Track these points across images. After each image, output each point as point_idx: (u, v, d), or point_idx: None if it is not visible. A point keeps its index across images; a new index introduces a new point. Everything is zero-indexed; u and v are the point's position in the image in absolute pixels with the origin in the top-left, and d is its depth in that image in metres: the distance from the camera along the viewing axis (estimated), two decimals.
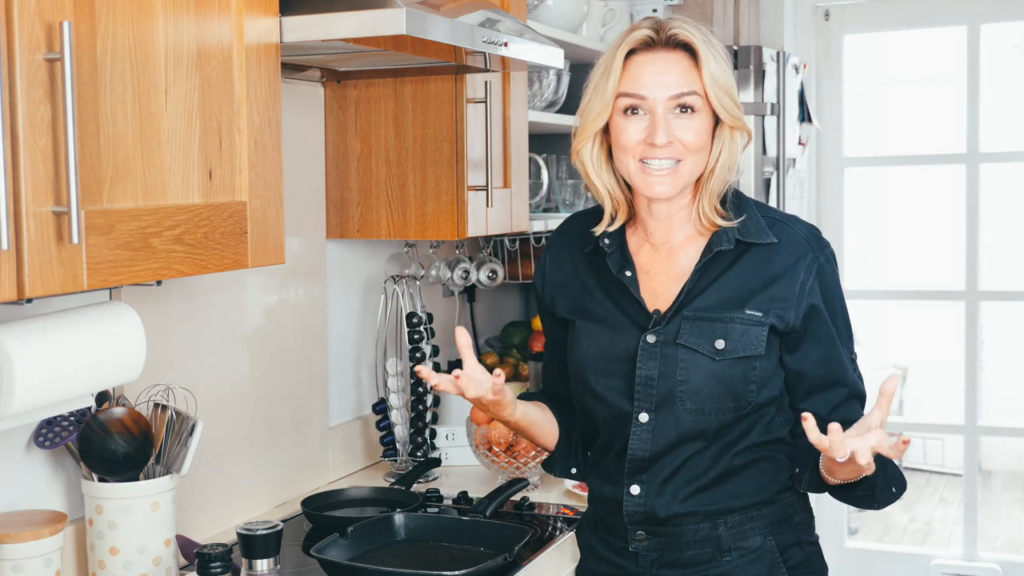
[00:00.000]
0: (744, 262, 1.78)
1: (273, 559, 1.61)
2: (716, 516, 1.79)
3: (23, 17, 1.22)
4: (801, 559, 1.84)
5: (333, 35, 1.71)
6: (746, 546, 1.79)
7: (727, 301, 1.76)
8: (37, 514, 1.71)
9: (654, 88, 1.73)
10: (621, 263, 1.82)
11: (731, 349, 1.74)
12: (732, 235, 1.78)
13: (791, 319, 1.76)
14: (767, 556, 1.80)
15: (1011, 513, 6.14)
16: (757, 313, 1.75)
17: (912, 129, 6.95)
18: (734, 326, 1.74)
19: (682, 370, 1.75)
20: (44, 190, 1.25)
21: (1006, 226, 6.31)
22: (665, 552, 1.81)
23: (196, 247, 1.50)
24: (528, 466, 2.45)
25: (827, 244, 1.82)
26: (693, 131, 1.73)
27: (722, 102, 1.74)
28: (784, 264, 1.77)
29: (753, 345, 1.74)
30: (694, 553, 1.80)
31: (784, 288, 1.76)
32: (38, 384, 1.51)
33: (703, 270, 1.78)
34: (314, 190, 2.44)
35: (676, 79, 1.73)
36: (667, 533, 1.80)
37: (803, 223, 1.84)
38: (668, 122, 1.72)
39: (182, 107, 1.49)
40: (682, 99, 1.72)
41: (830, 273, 1.80)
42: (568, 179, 3.10)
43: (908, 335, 7.09)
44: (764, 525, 1.80)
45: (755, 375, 1.75)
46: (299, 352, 2.43)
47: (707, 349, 1.74)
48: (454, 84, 2.34)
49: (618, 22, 3.18)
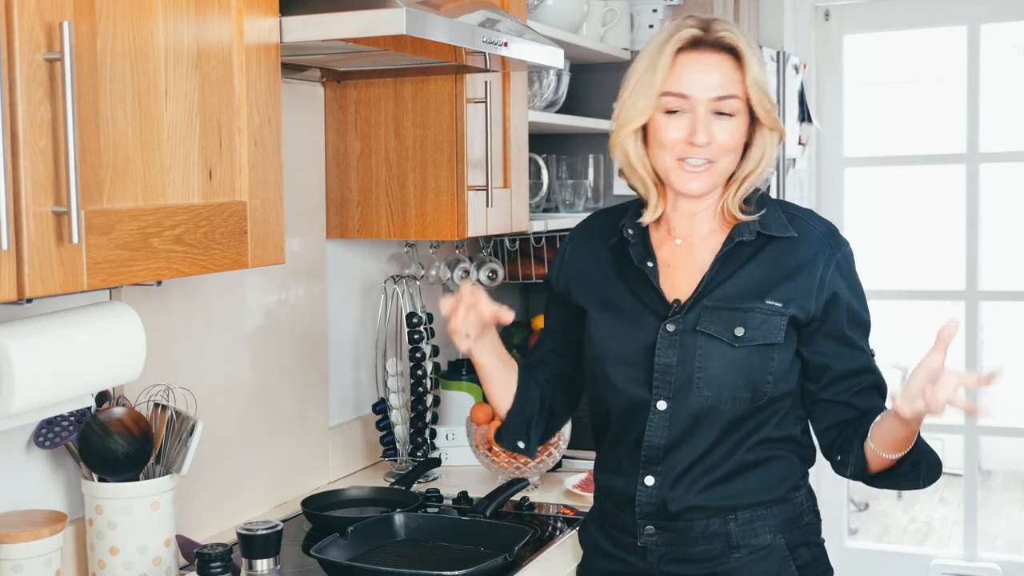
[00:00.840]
0: (764, 255, 1.81)
1: (273, 559, 1.61)
2: (727, 512, 1.80)
3: (23, 17, 1.22)
4: (808, 559, 1.85)
5: (333, 35, 1.71)
6: (755, 543, 1.80)
7: (747, 292, 1.79)
8: (37, 514, 1.71)
9: (698, 88, 1.75)
10: (643, 254, 1.85)
11: (750, 337, 1.76)
12: (753, 228, 1.81)
13: (812, 308, 1.78)
14: (776, 554, 1.81)
15: (1011, 513, 6.15)
16: (777, 303, 1.77)
17: (912, 129, 6.95)
18: (753, 315, 1.77)
19: (700, 357, 1.77)
20: (44, 190, 1.25)
21: (1006, 226, 6.31)
22: (674, 547, 1.82)
23: (196, 247, 1.50)
24: (528, 466, 2.45)
25: (845, 242, 1.85)
26: (729, 132, 1.77)
27: (763, 105, 1.78)
28: (804, 257, 1.80)
29: (772, 333, 1.77)
30: (703, 549, 1.81)
31: (804, 279, 1.79)
32: (38, 384, 1.51)
33: (723, 260, 1.81)
34: (314, 190, 2.44)
35: (719, 81, 1.76)
36: (677, 528, 1.81)
37: (821, 220, 1.88)
38: (708, 122, 1.76)
39: (182, 107, 1.49)
40: (723, 101, 1.76)
41: (847, 269, 1.82)
42: (568, 179, 3.11)
43: (908, 335, 7.08)
44: (774, 523, 1.82)
45: (772, 366, 1.77)
46: (299, 352, 2.43)
47: (726, 336, 1.76)
48: (454, 84, 2.34)
49: (618, 22, 3.18)
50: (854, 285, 1.83)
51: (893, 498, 6.45)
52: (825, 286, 1.79)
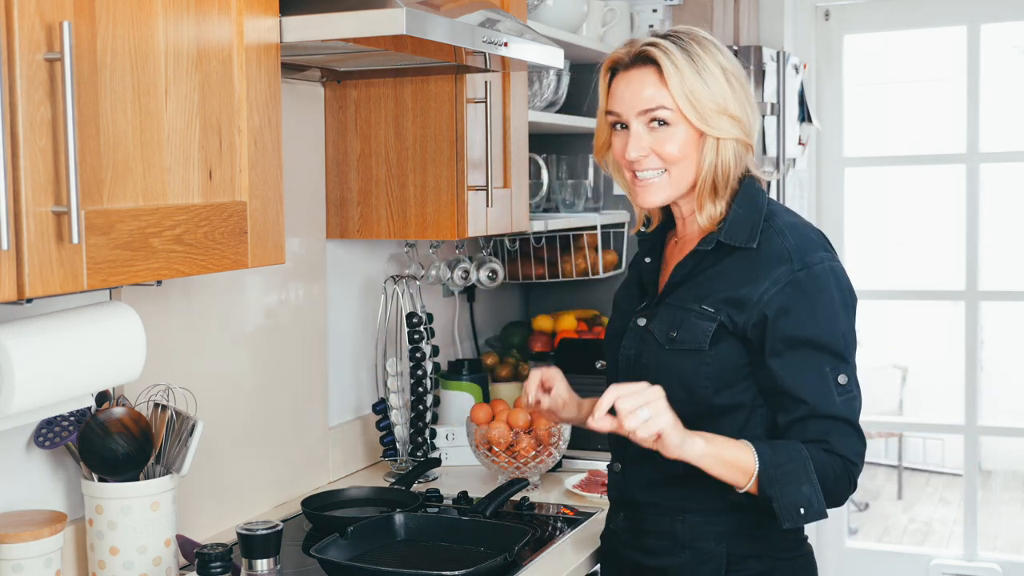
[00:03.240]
0: (726, 263, 1.82)
1: (273, 559, 1.61)
2: (676, 512, 1.85)
3: (23, 17, 1.22)
4: (759, 571, 1.83)
5: (333, 35, 1.71)
6: (699, 547, 1.84)
7: (695, 295, 1.82)
8: (37, 514, 1.71)
9: (625, 105, 1.82)
10: (648, 250, 1.96)
11: (680, 339, 1.80)
12: (714, 237, 1.83)
13: (741, 323, 1.77)
14: (714, 561, 1.83)
15: (1011, 513, 6.15)
16: (710, 309, 1.79)
17: (912, 129, 6.96)
18: (688, 318, 1.81)
19: (646, 355, 1.85)
20: (44, 190, 1.25)
21: (1006, 226, 6.31)
22: (634, 536, 1.92)
23: (196, 247, 1.50)
24: (528, 466, 2.45)
25: (818, 260, 1.78)
26: (671, 142, 1.80)
27: (700, 115, 1.78)
28: (757, 271, 1.78)
29: (698, 339, 1.79)
30: (654, 543, 1.88)
31: (746, 292, 1.77)
32: (38, 384, 1.51)
33: (691, 262, 1.85)
34: (314, 190, 2.44)
35: (645, 95, 1.80)
36: (636, 518, 1.91)
37: (798, 234, 1.81)
38: (641, 136, 1.80)
39: (182, 107, 1.49)
40: (652, 113, 1.80)
41: (812, 288, 1.76)
42: (568, 179, 3.11)
43: (908, 335, 7.09)
44: (720, 531, 1.83)
45: (706, 371, 1.79)
46: (299, 352, 2.43)
47: (662, 337, 1.83)
48: (454, 84, 2.34)
49: (618, 22, 3.18)
50: (818, 304, 1.76)
51: (893, 498, 6.46)
52: (762, 304, 1.75)
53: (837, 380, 1.75)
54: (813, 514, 1.72)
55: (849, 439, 1.75)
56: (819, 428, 1.74)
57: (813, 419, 1.75)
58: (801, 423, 1.75)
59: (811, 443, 1.74)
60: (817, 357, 1.75)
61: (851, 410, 1.76)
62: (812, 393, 1.75)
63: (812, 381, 1.75)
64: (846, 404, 1.76)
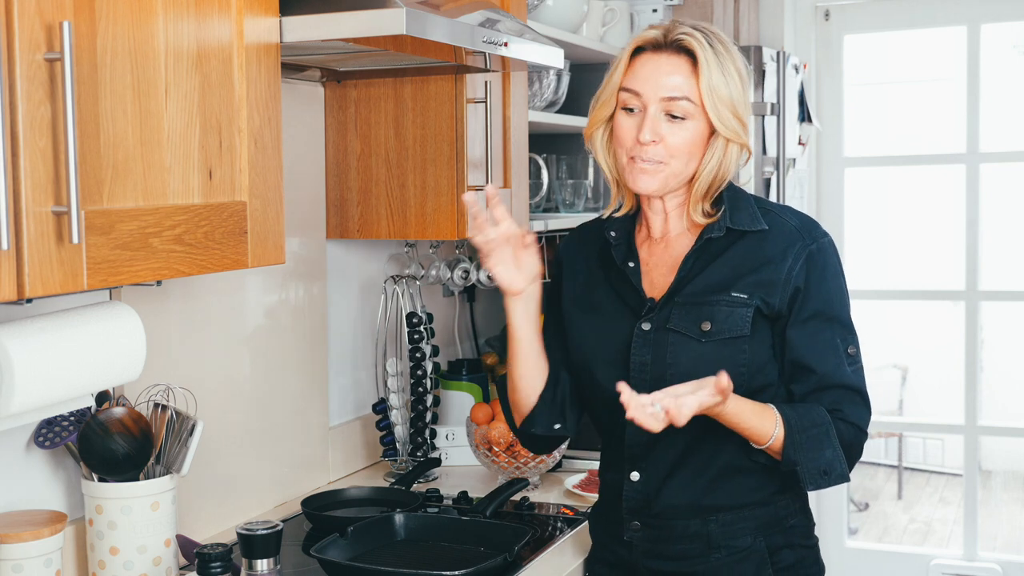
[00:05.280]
0: (735, 249, 1.82)
1: (273, 559, 1.61)
2: (708, 513, 1.82)
3: (23, 17, 1.22)
4: (792, 561, 1.85)
5: (333, 35, 1.71)
6: (735, 545, 1.82)
7: (715, 286, 1.80)
8: (37, 514, 1.71)
9: (649, 86, 1.78)
10: (626, 255, 1.88)
11: (717, 331, 1.78)
12: (723, 224, 1.82)
13: (776, 303, 1.78)
14: (755, 556, 1.82)
15: (1011, 513, 6.15)
16: (743, 295, 1.78)
17: (912, 129, 6.96)
18: (720, 308, 1.78)
19: (671, 354, 1.79)
20: (44, 190, 1.25)
21: (1006, 226, 6.32)
22: (656, 544, 1.85)
23: (196, 247, 1.50)
24: (528, 466, 2.45)
25: (823, 234, 1.84)
26: (681, 136, 1.78)
27: (719, 114, 1.77)
28: (774, 251, 1.80)
29: (739, 326, 1.77)
30: (683, 547, 1.83)
31: (772, 272, 1.79)
32: (38, 384, 1.51)
33: (695, 257, 1.82)
34: (314, 190, 2.44)
35: (672, 82, 1.77)
36: (659, 525, 1.84)
37: (796, 214, 1.87)
38: (657, 122, 1.77)
39: (182, 107, 1.49)
40: (674, 102, 1.77)
41: (822, 262, 1.81)
42: (568, 179, 3.10)
43: (908, 335, 7.09)
44: (755, 526, 1.82)
45: (744, 358, 1.78)
46: (299, 352, 2.43)
47: (694, 331, 1.78)
48: (454, 84, 2.34)
49: (618, 22, 3.18)
50: (828, 277, 1.81)
51: (893, 498, 6.46)
52: (792, 279, 1.78)
53: (847, 351, 1.81)
54: (836, 477, 1.75)
55: (859, 408, 1.81)
56: (832, 397, 1.79)
57: (827, 389, 1.79)
58: (816, 393, 1.79)
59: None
60: (829, 328, 1.80)
61: (860, 379, 1.82)
62: (826, 363, 1.79)
63: (825, 352, 1.79)
64: (856, 373, 1.82)
